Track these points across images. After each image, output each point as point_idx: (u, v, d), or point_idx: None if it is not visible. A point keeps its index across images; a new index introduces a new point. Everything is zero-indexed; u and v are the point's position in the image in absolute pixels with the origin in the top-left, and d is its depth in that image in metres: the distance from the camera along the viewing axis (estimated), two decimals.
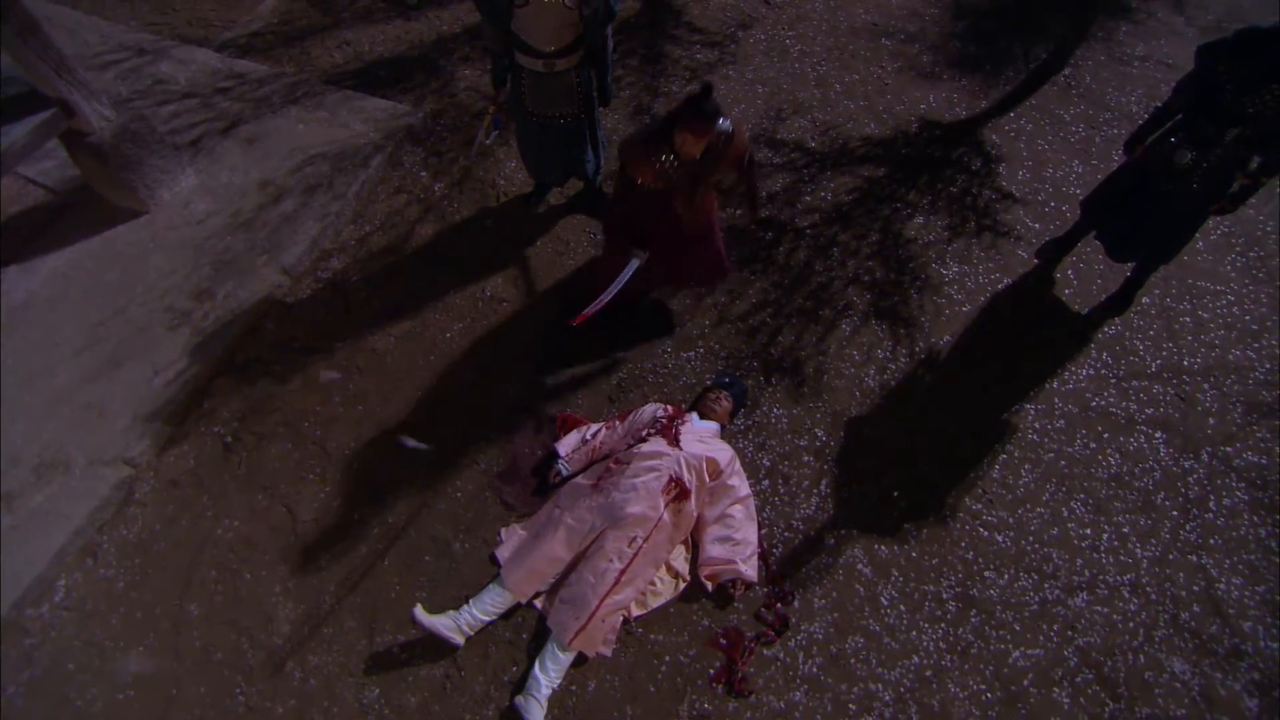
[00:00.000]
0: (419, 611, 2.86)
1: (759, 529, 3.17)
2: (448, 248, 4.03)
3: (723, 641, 2.97)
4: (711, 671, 2.92)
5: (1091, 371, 3.68)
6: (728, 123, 2.90)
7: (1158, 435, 3.51)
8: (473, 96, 4.63)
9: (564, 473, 3.29)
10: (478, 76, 4.73)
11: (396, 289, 3.88)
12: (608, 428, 3.34)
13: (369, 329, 3.74)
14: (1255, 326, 3.87)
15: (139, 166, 3.89)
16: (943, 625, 3.03)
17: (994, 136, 4.55)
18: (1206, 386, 3.67)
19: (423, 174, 4.30)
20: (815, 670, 2.93)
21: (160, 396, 3.45)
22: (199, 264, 3.85)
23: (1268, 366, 3.74)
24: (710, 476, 3.13)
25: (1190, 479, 3.41)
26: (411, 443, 3.43)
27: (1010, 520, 3.27)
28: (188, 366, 3.53)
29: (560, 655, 2.85)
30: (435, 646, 2.92)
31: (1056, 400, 3.59)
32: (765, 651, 2.97)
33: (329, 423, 3.48)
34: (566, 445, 3.33)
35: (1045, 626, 3.04)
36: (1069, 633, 3.03)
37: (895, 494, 3.32)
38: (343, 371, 3.61)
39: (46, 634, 3.01)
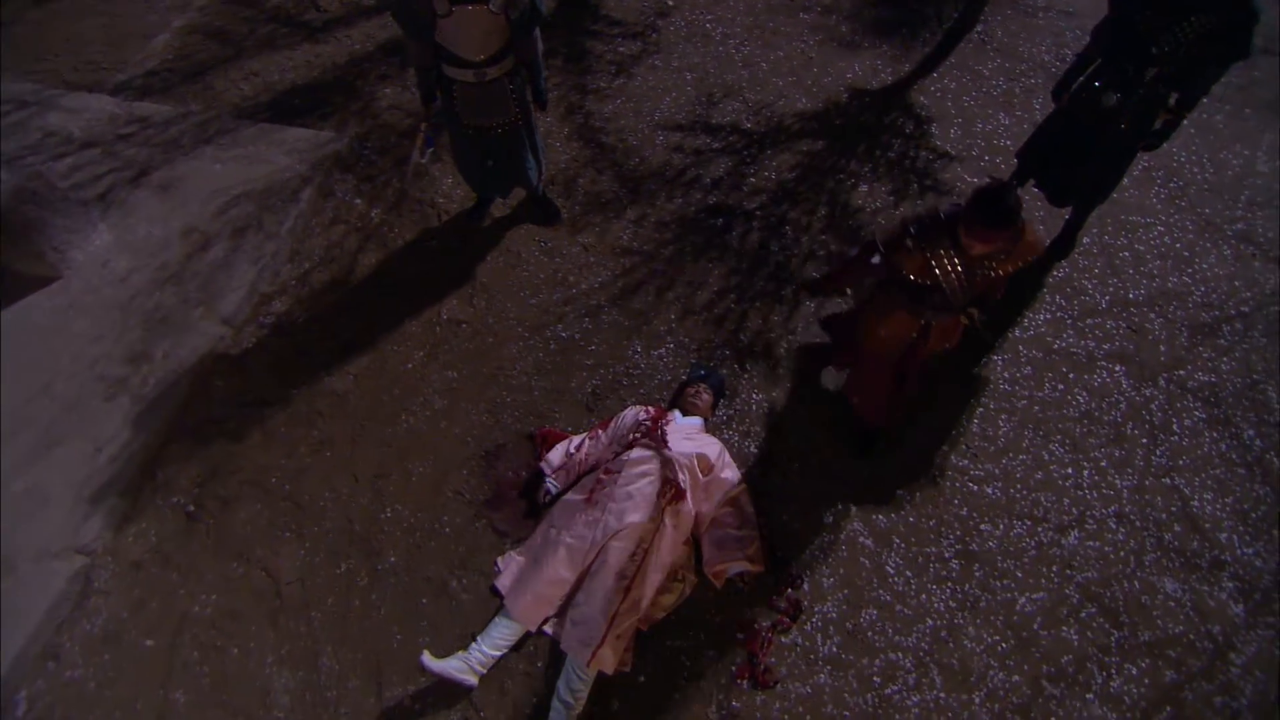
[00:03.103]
0: (426, 657, 2.74)
1: (758, 517, 3.15)
2: (395, 274, 3.87)
3: (740, 636, 2.94)
4: (734, 668, 2.89)
5: (1048, 315, 3.80)
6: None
7: (1118, 368, 3.64)
8: (397, 115, 4.45)
9: (553, 490, 3.20)
10: (399, 94, 4.55)
11: (348, 325, 3.70)
12: (591, 438, 3.26)
13: (325, 371, 3.55)
14: (1186, 253, 4.05)
15: (43, 229, 3.59)
16: (949, 584, 3.08)
17: (921, 98, 4.64)
18: (1153, 315, 3.83)
19: (357, 201, 4.12)
20: (835, 650, 2.94)
21: (106, 474, 3.20)
22: (128, 326, 3.58)
23: (1203, 289, 3.92)
24: (703, 472, 3.09)
25: (1153, 406, 3.55)
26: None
27: (996, 471, 3.34)
28: (133, 437, 3.29)
29: (580, 677, 2.76)
30: (449, 691, 2.81)
31: (1020, 348, 3.69)
32: (783, 639, 2.95)
33: (297, 475, 3.29)
34: (551, 462, 3.24)
35: (1045, 569, 3.12)
36: (1067, 571, 3.12)
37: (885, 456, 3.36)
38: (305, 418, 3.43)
39: None
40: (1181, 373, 3.65)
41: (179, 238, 3.87)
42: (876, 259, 2.70)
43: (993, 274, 2.60)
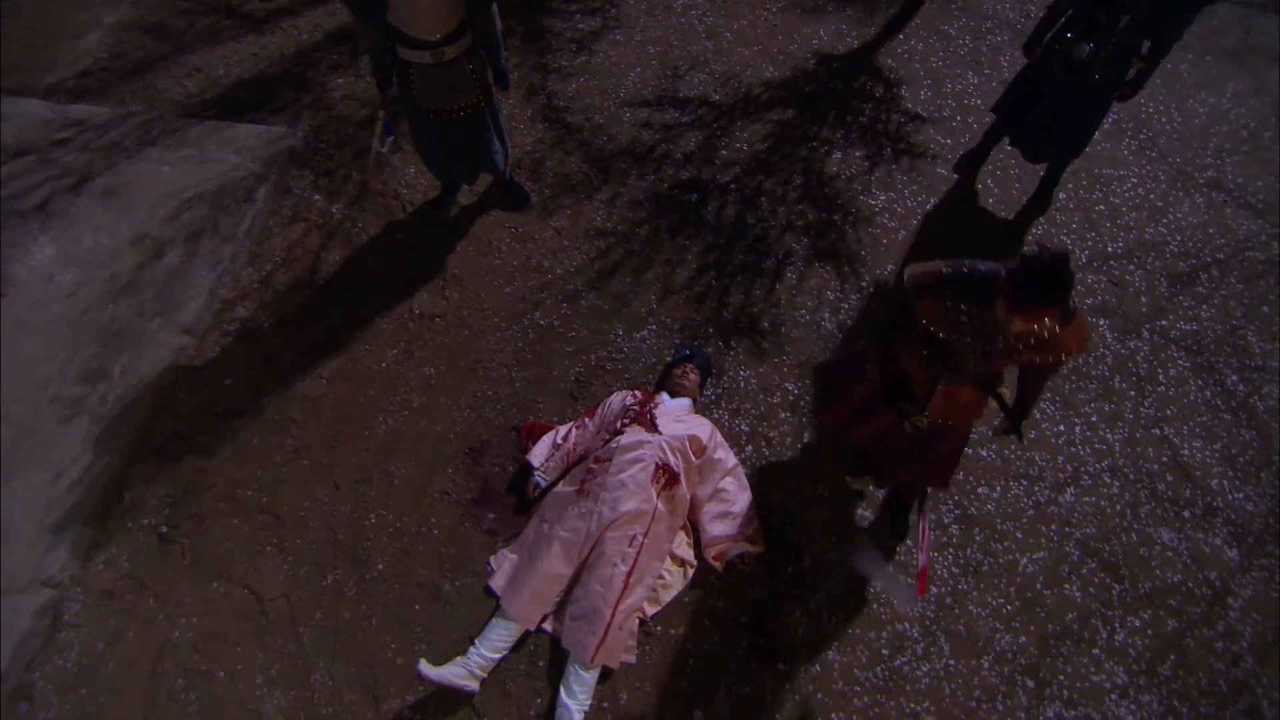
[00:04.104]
0: (423, 666, 2.64)
1: (754, 496, 3.08)
2: (362, 271, 3.72)
3: (744, 620, 2.89)
4: (740, 651, 2.83)
5: None
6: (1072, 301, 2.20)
7: (1102, 322, 3.63)
8: (352, 105, 4.26)
9: (542, 484, 3.11)
10: (353, 83, 4.36)
11: (316, 327, 3.54)
12: (578, 427, 3.17)
13: (296, 376, 3.40)
14: (1160, 203, 4.05)
15: None
16: (951, 550, 3.05)
17: (889, 61, 4.56)
18: (1132, 268, 3.82)
19: (316, 198, 3.94)
20: (841, 624, 2.90)
21: (68, 500, 3.03)
22: (81, 342, 3.38)
23: (1179, 239, 3.92)
24: (695, 454, 3.03)
25: (1138, 358, 3.55)
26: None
27: (989, 433, 3.31)
28: (94, 460, 3.11)
29: (584, 675, 2.69)
30: (450, 699, 2.71)
31: None
32: (790, 617, 2.90)
33: (274, 486, 3.15)
34: (538, 454, 3.14)
35: (1044, 528, 3.11)
36: (1066, 529, 3.11)
37: None
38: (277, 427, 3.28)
39: None
40: (1164, 323, 3.65)
41: (129, 246, 3.66)
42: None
43: (1018, 356, 2.32)
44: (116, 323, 3.45)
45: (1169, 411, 3.42)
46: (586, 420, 3.17)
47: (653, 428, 3.00)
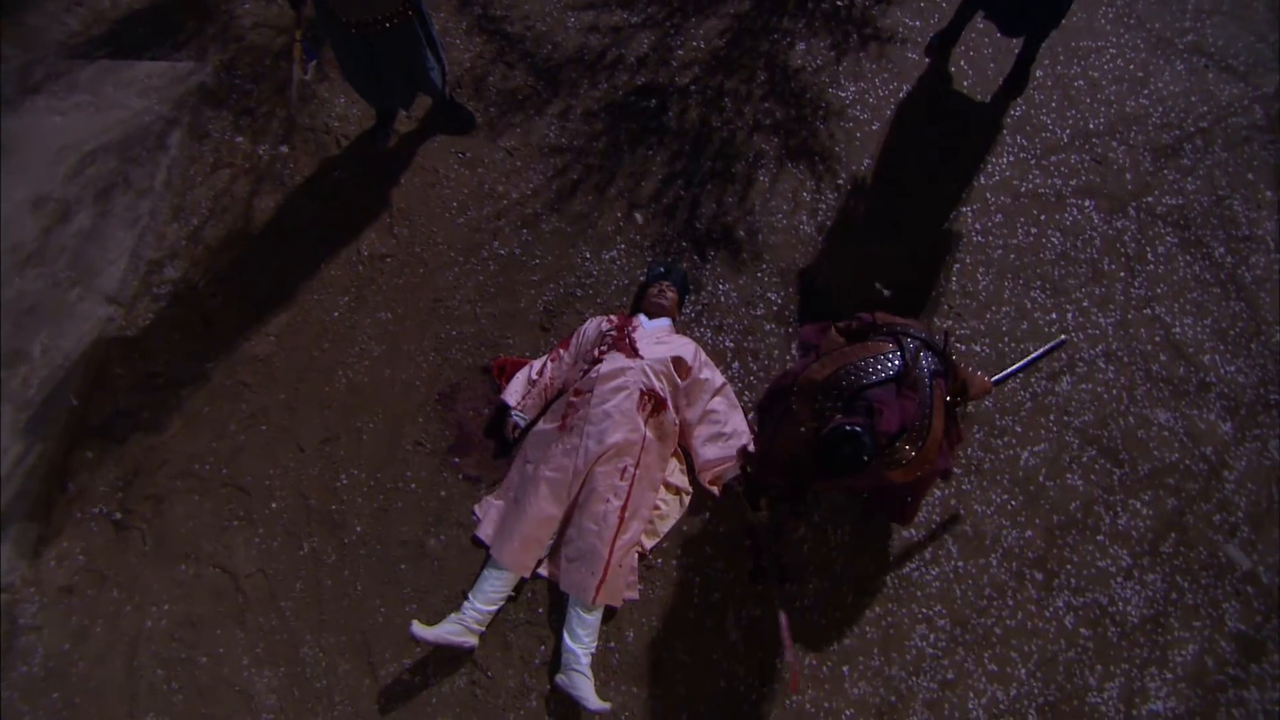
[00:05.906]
0: (417, 627, 2.53)
1: (745, 414, 2.95)
2: (299, 216, 3.42)
3: (748, 542, 2.79)
4: (746, 575, 2.75)
5: (1011, 157, 3.59)
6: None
7: (1087, 203, 3.49)
8: (266, 34, 3.83)
9: (521, 424, 2.96)
10: (262, 7, 3.91)
11: (257, 281, 3.27)
12: (553, 360, 3.00)
13: (241, 336, 3.15)
14: (1140, 74, 3.85)
15: None
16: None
17: None
18: (1114, 144, 3.66)
19: (239, 139, 3.58)
20: (846, 537, 2.83)
21: (5, 497, 2.80)
22: None
23: (1161, 110, 3.75)
24: (680, 376, 2.89)
25: (1125, 237, 3.43)
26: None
27: (981, 327, 3.20)
28: (27, 450, 2.87)
29: (587, 617, 2.60)
30: (449, 657, 2.63)
31: (988, 195, 3.49)
32: (793, 535, 2.82)
33: (233, 456, 2.96)
34: (514, 393, 2.97)
35: (1042, 419, 3.04)
36: (1064, 418, 3.05)
37: None
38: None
39: None
40: (1149, 199, 3.52)
41: (28, 210, 3.30)
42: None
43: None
44: (28, 298, 3.13)
45: (1159, 290, 3.32)
46: (561, 351, 3.00)
47: (633, 352, 2.83)
